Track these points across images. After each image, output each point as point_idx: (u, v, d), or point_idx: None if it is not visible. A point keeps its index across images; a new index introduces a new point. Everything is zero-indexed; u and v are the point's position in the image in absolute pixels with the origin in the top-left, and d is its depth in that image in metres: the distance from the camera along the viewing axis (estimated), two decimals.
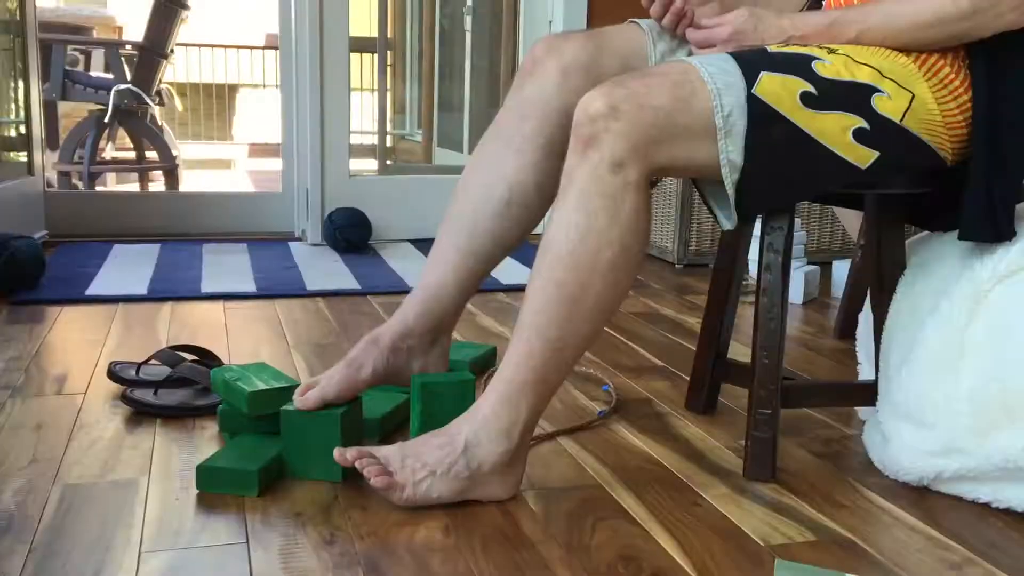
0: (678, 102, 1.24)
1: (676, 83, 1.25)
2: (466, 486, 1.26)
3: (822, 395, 1.53)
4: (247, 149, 7.70)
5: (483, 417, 1.26)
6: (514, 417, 1.25)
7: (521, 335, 1.25)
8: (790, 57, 1.31)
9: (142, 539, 1.17)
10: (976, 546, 1.22)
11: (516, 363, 1.25)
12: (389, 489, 1.23)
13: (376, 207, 3.24)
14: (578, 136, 1.24)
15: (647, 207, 1.26)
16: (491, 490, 1.28)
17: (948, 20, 1.31)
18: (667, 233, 3.06)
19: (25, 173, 3.13)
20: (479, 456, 1.25)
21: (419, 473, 1.24)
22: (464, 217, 1.46)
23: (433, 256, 1.48)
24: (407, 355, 1.47)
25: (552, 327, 1.24)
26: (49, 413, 1.59)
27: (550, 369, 1.26)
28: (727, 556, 1.17)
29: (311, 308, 2.37)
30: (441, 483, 1.24)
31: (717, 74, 1.26)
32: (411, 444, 1.28)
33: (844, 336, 2.21)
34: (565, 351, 1.25)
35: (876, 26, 1.34)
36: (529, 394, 1.26)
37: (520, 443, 1.27)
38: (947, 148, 1.36)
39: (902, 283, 1.50)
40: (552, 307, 1.23)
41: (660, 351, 2.08)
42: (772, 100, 1.26)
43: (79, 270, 2.67)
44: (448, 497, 1.25)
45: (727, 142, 1.25)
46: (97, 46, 5.34)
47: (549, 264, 1.24)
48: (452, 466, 1.24)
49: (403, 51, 5.83)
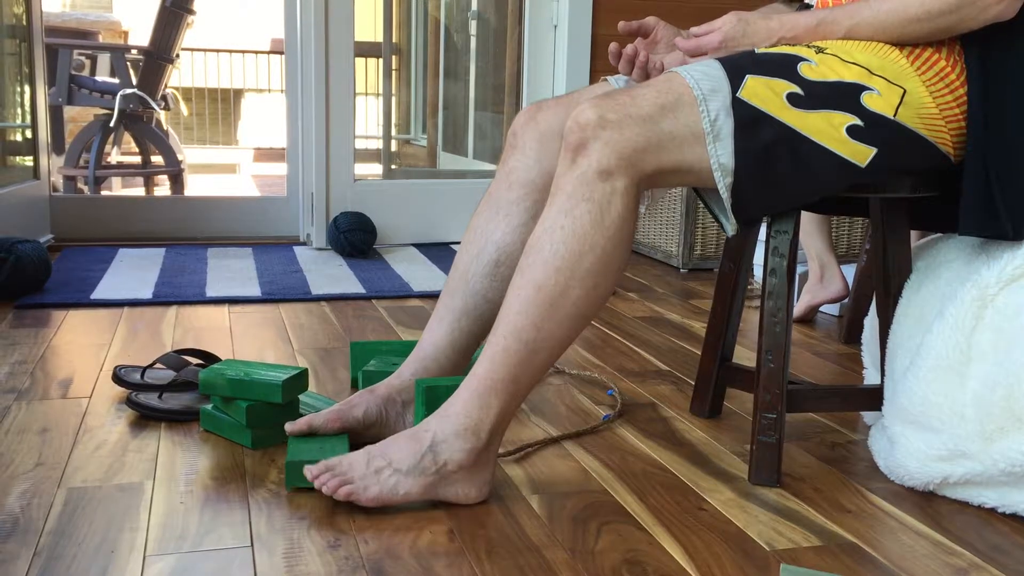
0: (664, 110, 1.26)
1: (661, 91, 1.27)
2: (433, 482, 1.26)
3: (827, 399, 1.53)
4: (252, 153, 7.71)
5: (453, 414, 1.27)
6: (483, 415, 1.26)
7: (497, 333, 1.27)
8: (776, 59, 1.32)
9: (147, 543, 1.17)
10: (982, 551, 1.22)
11: (491, 360, 1.26)
12: (353, 496, 1.24)
13: (381, 211, 3.25)
14: (568, 144, 1.26)
15: (633, 217, 1.27)
16: (459, 489, 1.28)
17: (934, 14, 1.32)
18: (672, 237, 3.06)
19: (31, 177, 3.14)
20: (445, 453, 1.25)
21: (385, 471, 1.25)
22: (458, 281, 1.51)
23: (431, 319, 1.53)
24: (401, 408, 1.48)
25: (529, 329, 1.25)
26: (54, 417, 1.59)
27: (523, 370, 1.26)
28: (732, 561, 1.17)
29: (316, 312, 2.37)
30: (408, 480, 1.25)
31: (702, 79, 1.28)
32: (379, 444, 1.28)
33: (849, 340, 2.20)
34: (539, 354, 1.26)
35: (864, 23, 1.35)
36: (500, 393, 1.26)
37: (488, 443, 1.27)
38: (949, 144, 1.36)
39: (908, 287, 1.49)
40: (531, 308, 1.25)
41: (665, 355, 2.08)
42: (758, 102, 1.27)
43: (84, 274, 2.68)
44: (416, 495, 1.25)
45: (716, 146, 1.26)
46: (103, 51, 5.36)
47: (531, 265, 1.25)
48: (419, 462, 1.25)
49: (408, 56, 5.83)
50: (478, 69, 4.58)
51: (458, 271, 1.51)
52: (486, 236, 1.50)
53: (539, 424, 1.63)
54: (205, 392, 1.52)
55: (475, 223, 1.53)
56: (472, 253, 1.51)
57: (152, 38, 4.75)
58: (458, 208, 3.34)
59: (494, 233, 1.50)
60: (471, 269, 1.50)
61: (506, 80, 4.09)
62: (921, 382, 1.36)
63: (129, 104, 4.62)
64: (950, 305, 1.36)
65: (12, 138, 3.20)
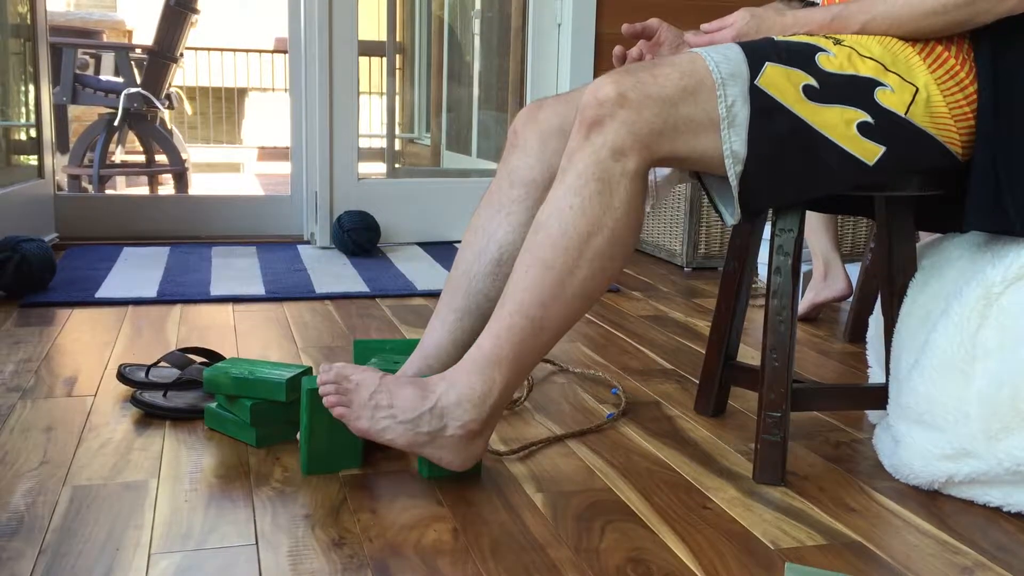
0: (684, 92, 1.25)
1: (683, 73, 1.26)
2: (422, 441, 1.27)
3: (832, 398, 1.53)
4: (256, 153, 7.72)
5: (460, 383, 1.27)
6: (487, 388, 1.27)
7: (504, 309, 1.27)
8: (795, 47, 1.31)
9: (151, 541, 1.17)
10: (987, 550, 1.21)
11: (496, 335, 1.27)
12: (343, 418, 1.26)
13: (385, 210, 3.25)
14: (583, 119, 1.25)
15: (642, 199, 1.27)
16: (444, 455, 1.29)
17: (950, 7, 1.32)
18: (676, 236, 3.06)
19: (35, 176, 3.14)
20: (446, 417, 1.26)
21: (382, 411, 1.25)
22: (459, 279, 1.51)
23: (432, 318, 1.53)
24: None
25: (535, 306, 1.25)
26: (59, 415, 1.59)
27: (527, 347, 1.27)
28: (737, 559, 1.17)
29: (320, 311, 2.37)
30: (399, 429, 1.26)
31: (723, 63, 1.27)
32: (391, 379, 1.29)
33: (854, 339, 2.20)
34: (544, 332, 1.27)
35: (879, 17, 1.35)
36: (504, 369, 1.27)
37: (488, 417, 1.28)
38: (957, 143, 1.36)
39: (913, 286, 1.49)
40: (537, 287, 1.25)
41: (669, 354, 2.08)
42: (775, 92, 1.27)
43: (89, 273, 2.68)
44: (401, 444, 1.26)
45: (730, 132, 1.26)
46: (107, 50, 5.36)
47: (539, 243, 1.25)
48: (417, 419, 1.26)
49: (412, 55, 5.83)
50: (482, 68, 4.58)
51: (460, 270, 1.51)
52: (488, 235, 1.50)
53: (543, 423, 1.63)
54: (209, 390, 1.52)
55: (476, 222, 1.53)
56: (474, 252, 1.50)
57: (156, 37, 4.76)
58: (462, 207, 3.34)
59: (496, 232, 1.49)
60: (473, 268, 1.50)
61: (510, 79, 4.09)
62: (926, 381, 1.36)
63: (133, 103, 4.63)
64: (955, 304, 1.36)
65: (17, 137, 3.20)
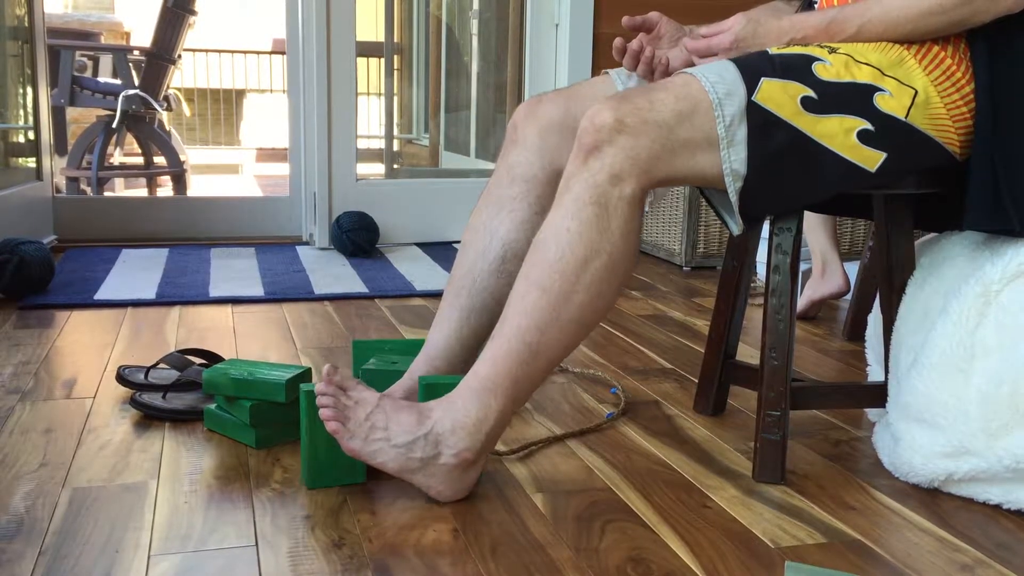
0: (680, 116, 1.25)
1: (679, 97, 1.26)
2: (414, 467, 1.24)
3: (831, 397, 1.53)
4: (255, 154, 7.72)
5: (456, 409, 1.25)
6: (483, 415, 1.25)
7: (501, 335, 1.26)
8: (790, 60, 1.31)
9: (151, 542, 1.17)
10: (987, 547, 1.21)
11: (493, 360, 1.26)
12: (335, 435, 1.23)
13: (383, 211, 3.25)
14: (581, 145, 1.24)
15: (639, 225, 1.26)
16: (434, 483, 1.26)
17: (948, 7, 1.31)
18: (674, 235, 3.06)
19: (34, 178, 3.14)
20: (440, 444, 1.24)
21: (377, 433, 1.23)
22: (463, 278, 1.50)
23: (437, 318, 1.52)
24: None
25: (532, 331, 1.24)
26: (58, 417, 1.59)
27: (524, 373, 1.25)
28: (737, 558, 1.17)
29: (319, 312, 2.37)
30: (392, 452, 1.23)
31: (718, 83, 1.26)
32: (389, 403, 1.26)
33: (853, 337, 2.20)
34: (539, 358, 1.25)
35: (876, 19, 1.34)
36: (500, 396, 1.25)
37: (483, 446, 1.26)
38: (955, 143, 1.36)
39: (911, 284, 1.49)
40: (534, 311, 1.24)
41: (668, 353, 2.08)
42: (773, 107, 1.26)
43: (88, 275, 2.68)
44: (391, 469, 1.24)
45: (729, 151, 1.26)
46: (105, 51, 5.36)
47: (537, 267, 1.25)
48: (411, 444, 1.23)
49: (410, 55, 5.83)
50: (480, 68, 4.58)
51: (463, 269, 1.50)
52: (491, 233, 1.49)
53: (543, 422, 1.63)
54: (209, 392, 1.52)
55: (477, 220, 1.52)
56: (477, 250, 1.49)
57: (154, 39, 4.75)
58: (461, 207, 3.34)
59: (499, 230, 1.48)
60: (477, 266, 1.49)
61: (508, 79, 4.09)
62: (925, 379, 1.36)
63: (131, 105, 4.63)
64: (954, 301, 1.36)
65: (15, 139, 3.20)
